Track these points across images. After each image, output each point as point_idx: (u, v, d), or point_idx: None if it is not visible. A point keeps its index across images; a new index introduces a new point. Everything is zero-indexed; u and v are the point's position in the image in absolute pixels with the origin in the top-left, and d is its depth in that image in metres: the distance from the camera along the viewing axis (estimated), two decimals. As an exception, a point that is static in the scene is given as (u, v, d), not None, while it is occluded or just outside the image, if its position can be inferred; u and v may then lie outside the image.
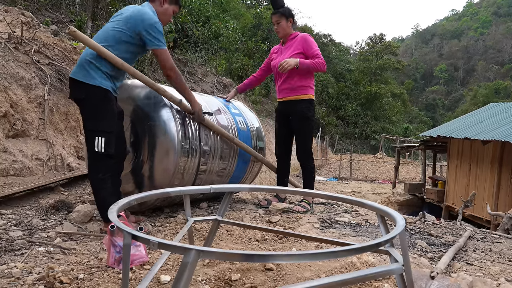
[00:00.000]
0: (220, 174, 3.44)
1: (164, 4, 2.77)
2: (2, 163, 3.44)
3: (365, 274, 1.24)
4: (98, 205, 2.61)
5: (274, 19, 3.56)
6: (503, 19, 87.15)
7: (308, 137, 3.72)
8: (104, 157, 2.53)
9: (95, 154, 2.51)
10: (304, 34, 3.58)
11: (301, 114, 3.59)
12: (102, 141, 2.50)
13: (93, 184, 2.59)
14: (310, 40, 3.53)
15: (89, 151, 2.54)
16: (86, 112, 2.57)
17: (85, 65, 2.52)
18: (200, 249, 1.00)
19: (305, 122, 3.62)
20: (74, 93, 2.61)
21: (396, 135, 31.21)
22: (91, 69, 2.51)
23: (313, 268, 2.12)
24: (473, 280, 2.04)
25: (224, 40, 13.54)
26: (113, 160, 2.60)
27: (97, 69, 2.52)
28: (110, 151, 2.55)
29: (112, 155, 2.58)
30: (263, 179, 10.46)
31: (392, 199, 13.04)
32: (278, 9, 3.51)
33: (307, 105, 3.59)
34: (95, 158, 2.53)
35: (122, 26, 2.60)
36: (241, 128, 3.66)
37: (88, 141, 2.53)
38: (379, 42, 43.07)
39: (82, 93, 2.53)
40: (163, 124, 2.89)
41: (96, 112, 2.54)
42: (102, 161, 2.54)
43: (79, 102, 2.62)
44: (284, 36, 3.61)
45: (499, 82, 58.72)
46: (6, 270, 1.91)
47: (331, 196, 1.93)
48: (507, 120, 9.95)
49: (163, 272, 1.96)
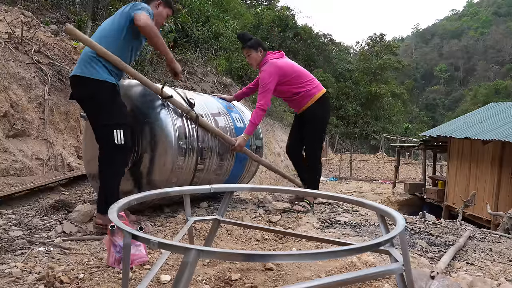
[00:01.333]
0: (218, 172, 3.44)
1: (159, 7, 2.87)
2: (2, 163, 3.44)
3: (365, 274, 1.24)
4: (103, 197, 2.58)
5: (245, 53, 3.71)
6: (504, 18, 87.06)
7: (314, 135, 3.74)
8: (124, 149, 2.58)
9: (115, 147, 2.53)
10: (264, 66, 3.56)
11: (309, 115, 3.70)
12: (121, 133, 2.54)
13: (106, 176, 2.59)
14: (262, 75, 3.53)
15: (107, 145, 2.56)
16: (98, 108, 2.58)
17: (90, 61, 2.54)
18: (200, 249, 1.00)
19: (313, 121, 3.70)
20: (80, 92, 2.61)
21: (396, 135, 31.17)
22: (96, 65, 2.54)
23: (313, 268, 2.12)
24: (473, 279, 2.04)
25: (224, 40, 13.54)
26: (130, 151, 2.65)
27: (102, 66, 2.55)
28: (129, 143, 2.61)
29: (131, 146, 2.64)
30: (263, 178, 10.47)
31: (392, 199, 13.04)
32: (246, 43, 3.65)
33: (315, 107, 3.66)
34: (113, 151, 2.55)
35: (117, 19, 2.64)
36: (238, 128, 3.66)
37: (105, 136, 2.55)
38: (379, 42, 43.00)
39: (90, 90, 2.54)
40: (160, 122, 2.90)
41: (109, 106, 2.56)
42: (121, 154, 2.59)
43: (87, 100, 2.62)
44: (257, 65, 3.70)
45: (499, 82, 58.65)
46: (6, 270, 1.91)
47: (331, 196, 1.93)
48: (507, 120, 9.95)
49: (163, 271, 1.96)
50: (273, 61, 3.56)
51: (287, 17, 27.00)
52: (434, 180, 13.22)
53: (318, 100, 3.64)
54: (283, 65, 3.58)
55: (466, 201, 6.69)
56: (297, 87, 3.62)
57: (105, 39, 2.61)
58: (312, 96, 3.63)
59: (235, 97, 4.02)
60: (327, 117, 3.87)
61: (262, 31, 23.28)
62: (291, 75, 3.58)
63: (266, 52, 3.66)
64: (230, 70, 14.54)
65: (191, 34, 11.91)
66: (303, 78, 3.65)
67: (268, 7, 28.41)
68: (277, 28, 24.47)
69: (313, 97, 3.63)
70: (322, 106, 3.68)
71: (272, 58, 3.60)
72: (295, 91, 3.63)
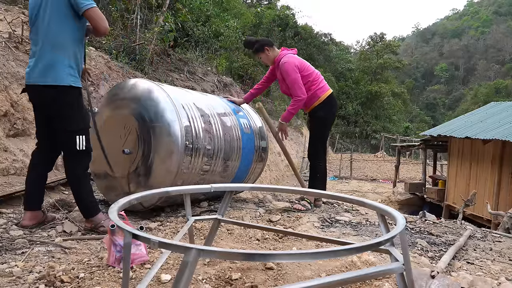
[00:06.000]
0: (223, 175, 3.43)
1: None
2: (2, 162, 3.44)
3: (365, 273, 1.24)
4: (80, 203, 2.59)
5: (256, 57, 3.98)
6: (504, 18, 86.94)
7: (315, 134, 3.79)
8: (85, 154, 2.55)
9: (76, 152, 2.50)
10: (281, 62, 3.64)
11: (312, 118, 3.81)
12: (83, 139, 2.50)
13: (74, 182, 2.57)
14: (284, 70, 3.61)
15: (68, 151, 2.52)
16: (60, 113, 2.46)
17: (51, 66, 2.38)
18: (200, 248, 1.00)
19: (314, 120, 3.79)
20: (41, 98, 2.46)
21: (397, 134, 31.15)
22: (58, 68, 2.38)
23: (314, 267, 2.12)
24: (473, 279, 2.04)
25: (225, 39, 13.55)
26: (90, 155, 2.62)
27: (64, 67, 2.39)
28: (90, 148, 2.58)
29: (91, 150, 2.61)
30: (263, 178, 10.46)
31: (392, 198, 13.04)
32: (253, 49, 3.80)
33: (318, 107, 3.70)
34: (75, 157, 2.53)
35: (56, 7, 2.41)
36: (244, 129, 3.67)
37: (67, 141, 2.49)
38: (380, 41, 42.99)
39: (53, 96, 2.40)
40: (167, 125, 2.89)
41: (73, 112, 2.48)
42: (83, 159, 2.56)
43: (48, 105, 2.46)
44: (271, 63, 3.82)
45: (499, 81, 58.57)
46: (7, 269, 1.91)
47: (331, 195, 1.93)
48: (507, 119, 9.94)
49: (163, 271, 1.96)
50: (290, 55, 3.69)
51: (288, 16, 27.00)
52: (435, 180, 13.21)
53: (323, 102, 3.69)
54: (300, 60, 3.72)
55: (466, 201, 6.68)
56: (307, 86, 3.64)
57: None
58: (318, 96, 3.67)
59: (244, 99, 4.04)
60: (331, 118, 3.88)
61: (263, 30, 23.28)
62: (307, 71, 3.67)
63: (273, 46, 3.76)
64: (230, 69, 14.55)
65: (191, 34, 11.91)
66: (314, 76, 3.71)
67: (268, 6, 28.40)
68: (278, 28, 24.48)
69: (319, 97, 3.67)
70: (326, 107, 3.72)
71: (288, 53, 3.72)
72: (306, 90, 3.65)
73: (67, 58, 2.41)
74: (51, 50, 2.38)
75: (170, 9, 10.15)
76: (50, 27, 2.38)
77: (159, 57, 9.25)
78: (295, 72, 3.57)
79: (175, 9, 10.55)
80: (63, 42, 2.40)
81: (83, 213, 2.61)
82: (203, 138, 3.10)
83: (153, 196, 1.67)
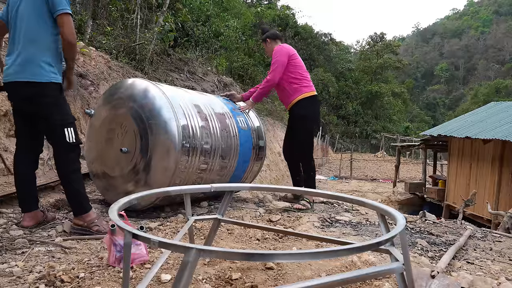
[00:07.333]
0: (221, 173, 3.44)
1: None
2: (2, 162, 3.44)
3: (365, 273, 1.24)
4: (72, 199, 2.58)
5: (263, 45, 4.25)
6: (504, 18, 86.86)
7: (300, 135, 3.80)
8: (76, 147, 2.56)
9: (67, 146, 2.50)
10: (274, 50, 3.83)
11: (294, 115, 3.84)
12: (71, 132, 2.51)
13: (66, 177, 2.56)
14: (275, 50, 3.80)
15: (59, 145, 2.52)
16: (46, 110, 2.46)
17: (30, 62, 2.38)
18: (200, 248, 1.00)
19: (298, 121, 3.81)
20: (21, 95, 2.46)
21: (397, 134, 31.18)
22: (38, 65, 2.38)
23: (314, 267, 2.12)
24: (473, 279, 2.04)
25: (225, 39, 13.55)
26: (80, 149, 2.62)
27: (44, 64, 2.40)
28: (79, 140, 2.59)
29: (81, 143, 2.62)
30: (263, 178, 10.46)
31: (392, 198, 13.04)
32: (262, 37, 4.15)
33: (299, 106, 3.76)
34: (66, 150, 2.52)
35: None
36: (242, 127, 3.67)
37: (57, 136, 2.50)
38: (380, 41, 43.02)
39: (34, 93, 2.41)
40: (163, 123, 2.89)
41: (58, 106, 2.49)
42: (74, 152, 2.56)
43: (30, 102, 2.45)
44: (269, 54, 4.00)
45: (500, 81, 58.55)
46: (7, 269, 1.91)
47: (331, 195, 1.93)
48: (507, 119, 9.94)
49: (163, 271, 1.96)
50: (287, 45, 3.90)
51: (288, 16, 27.02)
52: (435, 180, 13.21)
53: (307, 98, 3.74)
54: (292, 49, 3.85)
55: (466, 201, 6.68)
56: (294, 77, 3.75)
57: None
58: (303, 92, 3.74)
59: (242, 96, 4.08)
60: (314, 117, 3.91)
61: (263, 30, 23.24)
62: (297, 61, 3.79)
63: (276, 40, 3.93)
64: (230, 69, 14.54)
65: (192, 33, 11.92)
66: (304, 73, 3.82)
67: (268, 6, 28.41)
68: (278, 27, 24.48)
69: (303, 93, 3.74)
70: (309, 105, 3.77)
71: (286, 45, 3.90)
72: (291, 80, 3.75)
73: (46, 55, 2.42)
74: (30, 47, 2.39)
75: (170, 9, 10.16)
76: (28, 25, 2.39)
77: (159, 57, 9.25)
78: (285, 56, 3.71)
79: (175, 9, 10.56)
80: (42, 38, 2.40)
81: (75, 209, 2.59)
82: (200, 136, 3.11)
83: (153, 196, 1.67)
